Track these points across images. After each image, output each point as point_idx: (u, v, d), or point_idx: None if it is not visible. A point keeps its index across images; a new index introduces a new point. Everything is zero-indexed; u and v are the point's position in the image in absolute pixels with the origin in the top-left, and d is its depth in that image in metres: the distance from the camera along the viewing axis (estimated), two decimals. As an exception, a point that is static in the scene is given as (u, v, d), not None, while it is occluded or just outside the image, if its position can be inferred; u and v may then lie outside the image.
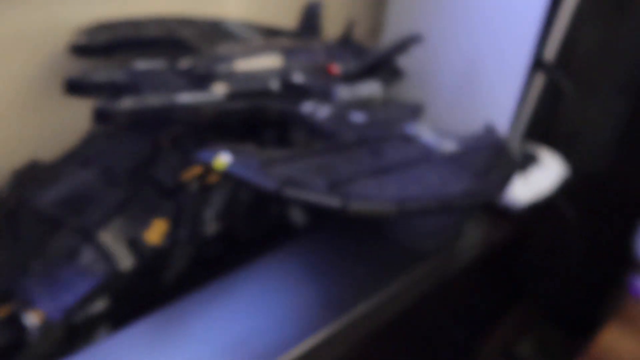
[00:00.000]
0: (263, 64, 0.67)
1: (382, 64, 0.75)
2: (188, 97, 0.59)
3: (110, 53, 0.72)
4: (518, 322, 1.30)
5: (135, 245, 0.59)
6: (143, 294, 0.60)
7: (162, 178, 0.64)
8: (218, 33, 0.83)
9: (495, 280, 1.01)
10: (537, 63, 0.78)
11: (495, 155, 0.69)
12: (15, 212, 0.63)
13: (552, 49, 0.80)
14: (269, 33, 0.86)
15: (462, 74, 0.87)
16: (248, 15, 0.91)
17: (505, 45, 0.80)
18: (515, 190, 0.73)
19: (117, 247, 0.57)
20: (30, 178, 0.66)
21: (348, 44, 0.79)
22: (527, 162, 0.78)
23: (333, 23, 0.91)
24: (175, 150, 0.66)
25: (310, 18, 0.84)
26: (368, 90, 0.72)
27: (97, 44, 0.70)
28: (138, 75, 0.61)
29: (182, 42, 0.78)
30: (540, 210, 0.79)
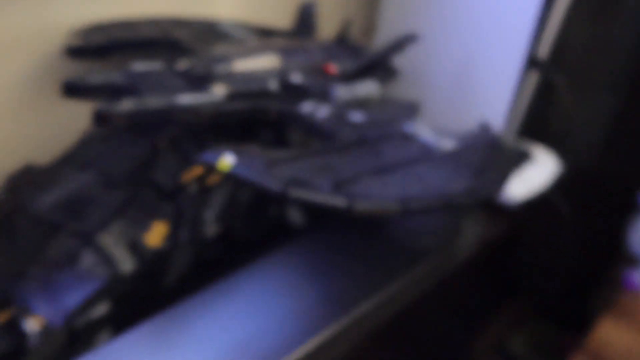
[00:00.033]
0: (261, 65, 0.67)
1: (378, 64, 0.75)
2: (188, 98, 0.59)
3: (106, 54, 0.72)
4: (510, 317, 1.31)
5: (136, 248, 0.59)
6: (144, 297, 0.59)
7: (161, 180, 0.63)
8: (212, 34, 0.83)
9: (490, 277, 1.03)
10: (531, 61, 0.79)
11: (492, 153, 0.70)
12: (11, 216, 0.62)
13: (545, 47, 0.81)
14: (264, 33, 0.86)
15: (456, 73, 0.88)
16: (240, 16, 0.91)
17: (500, 44, 0.80)
18: (511, 187, 0.74)
19: (117, 250, 0.57)
20: (26, 182, 0.66)
21: (344, 44, 0.79)
22: (521, 159, 0.79)
23: (327, 23, 0.91)
24: (174, 152, 0.65)
25: (305, 18, 0.84)
26: (366, 90, 0.72)
27: (92, 46, 0.69)
28: (136, 77, 0.61)
29: (177, 43, 0.77)
30: (535, 207, 0.80)
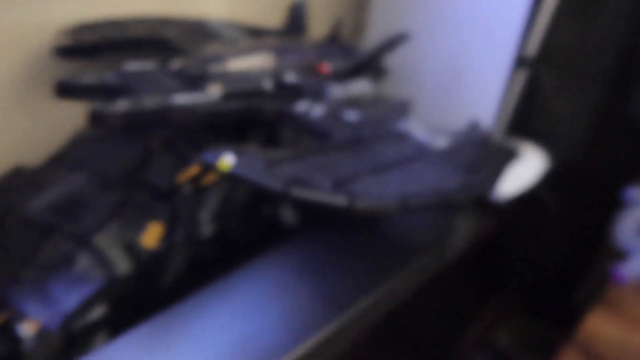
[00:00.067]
0: (255, 64, 0.67)
1: (370, 63, 0.76)
2: (184, 98, 0.58)
3: (96, 54, 0.71)
4: (495, 313, 1.33)
5: (132, 250, 0.58)
6: (141, 299, 0.59)
7: (155, 181, 0.63)
8: (202, 33, 0.82)
9: (479, 273, 1.04)
10: (520, 59, 0.80)
11: (484, 150, 0.71)
12: (1, 219, 0.61)
13: (533, 46, 0.83)
14: (254, 33, 0.85)
15: (445, 72, 0.89)
16: (228, 15, 0.91)
17: (489, 43, 0.81)
18: (501, 184, 0.75)
19: (113, 252, 0.56)
20: (16, 184, 0.64)
21: (336, 43, 0.79)
22: (511, 156, 0.81)
23: (316, 22, 0.91)
24: (168, 152, 0.65)
25: (296, 17, 0.84)
26: (359, 89, 0.72)
27: (82, 45, 0.68)
28: (130, 77, 0.60)
29: (166, 42, 0.76)
30: (523, 203, 0.81)
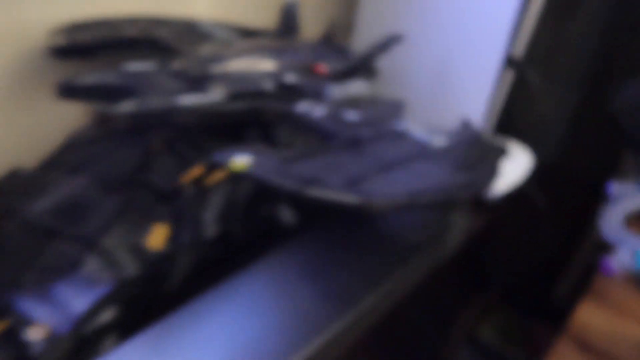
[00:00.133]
0: (255, 65, 0.67)
1: (365, 64, 0.77)
2: (189, 99, 0.58)
3: (89, 54, 0.70)
4: (479, 308, 1.36)
5: (138, 252, 0.58)
6: (149, 301, 0.58)
7: (158, 182, 0.62)
8: (193, 33, 0.82)
9: (468, 268, 1.06)
10: (508, 60, 0.83)
11: (478, 149, 0.73)
12: (0, 223, 0.60)
13: (520, 47, 0.85)
14: (246, 34, 0.85)
15: (434, 73, 0.91)
16: (218, 15, 0.90)
17: (478, 44, 0.83)
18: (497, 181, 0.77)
19: (121, 254, 0.56)
20: (14, 187, 0.63)
21: (330, 44, 0.80)
22: (501, 154, 0.83)
23: (305, 22, 0.92)
24: (169, 154, 0.65)
25: (289, 18, 0.84)
26: (356, 89, 0.73)
27: (77, 45, 0.67)
28: (131, 77, 0.60)
29: (159, 42, 0.76)
30: (512, 200, 0.83)
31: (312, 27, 0.92)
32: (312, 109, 0.65)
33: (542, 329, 1.36)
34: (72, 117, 0.75)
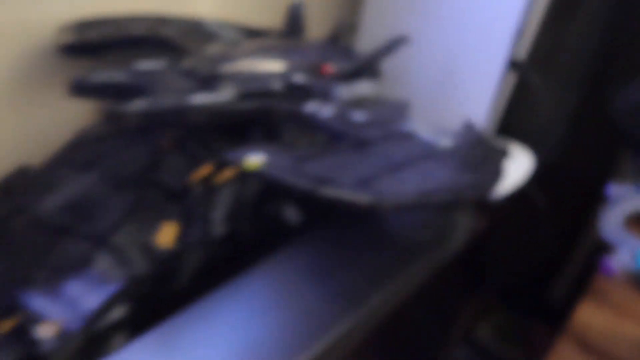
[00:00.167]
0: (264, 65, 0.67)
1: (372, 64, 0.78)
2: (201, 98, 0.58)
3: (99, 52, 0.70)
4: (477, 308, 1.37)
5: (148, 250, 0.58)
6: (158, 299, 0.59)
7: (167, 181, 0.63)
8: (199, 33, 0.82)
9: (467, 269, 1.07)
10: (512, 63, 0.84)
11: (483, 150, 0.74)
12: (8, 220, 0.60)
13: (523, 49, 0.86)
14: (251, 33, 0.86)
15: (437, 74, 0.91)
16: (221, 15, 0.91)
17: (482, 46, 0.84)
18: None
19: (132, 252, 0.56)
20: (22, 185, 0.63)
21: (336, 45, 0.81)
22: (505, 155, 0.84)
23: (308, 23, 0.92)
24: (178, 152, 0.65)
25: (294, 18, 0.85)
26: (363, 90, 0.74)
27: (87, 43, 0.67)
28: (142, 76, 0.60)
29: (167, 41, 0.76)
30: (513, 200, 0.84)
31: (315, 27, 0.93)
32: (320, 109, 0.66)
33: (539, 329, 1.37)
34: (79, 115, 0.75)
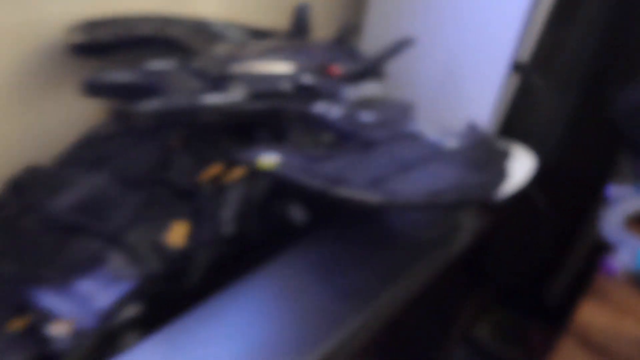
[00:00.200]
0: (273, 66, 0.68)
1: (378, 66, 0.78)
2: (213, 98, 0.59)
3: (108, 52, 0.70)
4: (475, 307, 1.38)
5: (159, 248, 0.58)
6: (170, 297, 0.59)
7: (177, 180, 0.63)
8: (206, 33, 0.83)
9: (470, 268, 1.08)
10: (516, 65, 0.85)
11: (487, 151, 0.75)
12: (19, 219, 0.60)
13: (526, 52, 0.87)
14: (258, 34, 0.86)
15: (441, 76, 0.92)
16: (227, 16, 0.91)
17: (486, 49, 0.85)
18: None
19: (145, 250, 0.56)
20: (31, 184, 0.63)
21: (342, 46, 0.81)
22: (508, 156, 0.85)
23: (314, 24, 0.93)
24: (188, 152, 0.65)
25: (300, 20, 0.85)
26: (369, 91, 0.74)
27: (97, 43, 0.68)
28: (153, 76, 0.60)
29: (174, 41, 0.76)
30: (515, 201, 0.85)
31: (320, 29, 0.93)
32: (328, 110, 0.67)
33: (537, 329, 1.39)
34: (87, 114, 0.76)
